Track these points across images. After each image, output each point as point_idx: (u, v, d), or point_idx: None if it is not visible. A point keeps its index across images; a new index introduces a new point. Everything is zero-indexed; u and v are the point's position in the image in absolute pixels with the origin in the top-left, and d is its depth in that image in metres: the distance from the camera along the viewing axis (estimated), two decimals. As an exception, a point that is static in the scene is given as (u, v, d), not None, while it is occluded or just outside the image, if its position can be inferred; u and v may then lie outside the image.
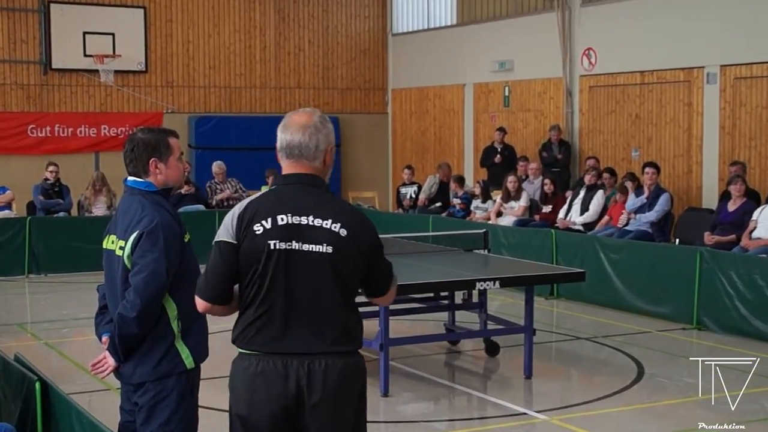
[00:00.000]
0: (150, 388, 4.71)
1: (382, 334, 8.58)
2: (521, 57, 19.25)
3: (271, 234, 4.01)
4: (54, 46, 19.77)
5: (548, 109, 18.81)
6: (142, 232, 4.62)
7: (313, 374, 4.00)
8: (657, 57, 16.47)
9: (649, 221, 13.79)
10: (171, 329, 4.69)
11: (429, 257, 10.63)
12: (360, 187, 22.30)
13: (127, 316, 4.59)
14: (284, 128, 4.10)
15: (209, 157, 19.94)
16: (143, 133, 4.83)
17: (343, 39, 22.59)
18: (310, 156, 4.08)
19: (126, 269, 4.66)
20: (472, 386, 9.36)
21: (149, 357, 4.69)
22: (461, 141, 20.98)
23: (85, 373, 9.07)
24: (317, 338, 4.04)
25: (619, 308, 12.58)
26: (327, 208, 4.06)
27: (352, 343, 4.12)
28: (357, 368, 4.14)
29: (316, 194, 4.09)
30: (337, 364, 4.03)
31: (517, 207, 15.92)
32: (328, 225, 4.02)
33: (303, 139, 4.06)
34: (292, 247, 4.01)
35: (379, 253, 4.17)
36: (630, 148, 17.17)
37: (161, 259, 4.58)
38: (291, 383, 4.00)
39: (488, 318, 10.26)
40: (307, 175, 4.10)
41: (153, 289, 4.57)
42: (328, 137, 4.12)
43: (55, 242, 15.73)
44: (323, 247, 4.01)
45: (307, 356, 4.02)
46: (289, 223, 4.02)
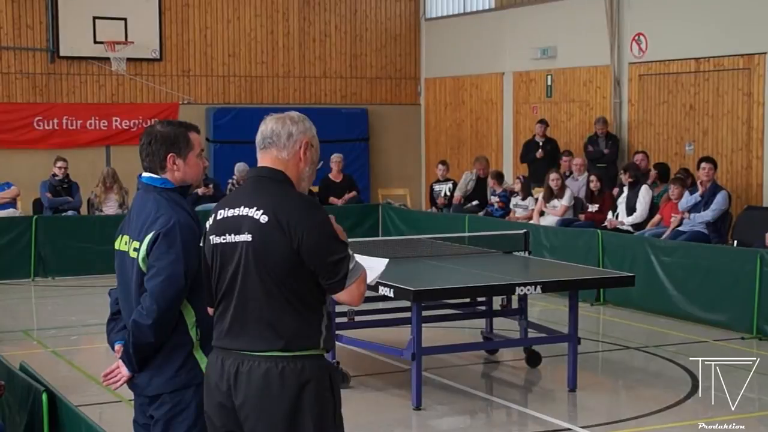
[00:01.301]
0: (167, 400, 4.71)
1: (414, 342, 8.59)
2: (565, 43, 19.19)
3: (212, 230, 4.28)
4: (62, 32, 19.88)
5: (594, 99, 18.74)
6: (158, 232, 4.63)
7: (239, 375, 4.14)
8: (714, 42, 16.36)
9: (705, 221, 13.71)
10: (189, 337, 4.70)
11: (465, 260, 10.63)
12: (390, 184, 22.31)
13: (143, 324, 4.60)
14: (262, 123, 4.29)
15: (228, 151, 20.03)
16: (162, 126, 4.84)
17: (372, 24, 22.61)
18: (280, 144, 4.20)
19: (141, 273, 4.67)
20: (511, 399, 9.35)
21: (166, 367, 4.70)
22: (500, 134, 20.94)
23: (95, 384, 9.14)
24: (246, 336, 4.16)
25: (671, 315, 12.53)
26: (262, 198, 4.15)
27: (277, 345, 4.09)
28: (288, 374, 4.09)
29: (265, 185, 4.20)
30: (262, 367, 4.10)
31: (559, 206, 15.88)
32: (252, 213, 4.12)
33: (275, 127, 4.24)
34: (225, 240, 4.20)
35: (318, 239, 4.08)
36: (684, 141, 17.08)
37: (179, 261, 4.59)
38: (223, 380, 4.19)
39: (529, 325, 10.25)
40: (269, 168, 4.23)
41: (170, 294, 4.59)
42: (306, 132, 4.25)
43: (63, 243, 15.84)
44: (245, 236, 4.13)
45: (240, 354, 4.16)
46: (224, 216, 4.23)
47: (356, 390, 9.23)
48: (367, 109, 22.08)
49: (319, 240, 4.08)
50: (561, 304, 11.79)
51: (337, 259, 4.10)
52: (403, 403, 8.87)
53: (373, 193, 21.74)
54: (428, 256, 10.73)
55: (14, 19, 19.73)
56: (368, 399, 9.09)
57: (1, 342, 11.29)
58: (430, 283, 9.02)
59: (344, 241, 4.16)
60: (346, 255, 4.13)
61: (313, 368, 4.13)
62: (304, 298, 4.12)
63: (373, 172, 22.16)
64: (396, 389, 9.37)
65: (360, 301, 4.24)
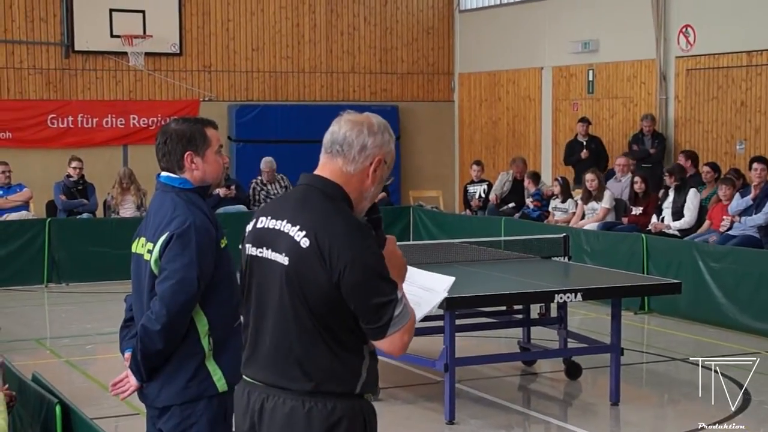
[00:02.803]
0: (176, 412, 4.72)
1: (447, 352, 8.59)
2: (608, 36, 19.14)
3: (249, 237, 4.02)
4: (77, 25, 20.00)
5: (639, 95, 18.68)
6: (172, 233, 4.64)
7: (264, 412, 3.90)
8: (767, 34, 16.28)
9: (757, 225, 13.63)
10: (201, 346, 4.70)
11: (501, 265, 10.63)
12: (422, 185, 22.32)
13: (151, 329, 4.60)
14: (336, 121, 3.94)
15: (251, 150, 20.09)
16: (177, 124, 4.88)
17: (403, 16, 22.63)
18: (350, 156, 3.86)
19: (153, 276, 4.68)
20: (550, 413, 9.34)
21: (176, 377, 4.70)
22: (538, 133, 20.92)
23: (111, 396, 9.18)
24: (273, 368, 3.90)
25: (720, 325, 12.48)
26: (307, 215, 3.84)
27: (306, 385, 3.82)
28: (315, 414, 3.82)
29: (314, 200, 3.87)
30: (287, 405, 3.84)
31: (599, 209, 15.78)
32: (293, 232, 3.81)
33: (350, 134, 3.87)
34: (263, 254, 3.93)
35: (362, 276, 3.73)
36: (734, 140, 17.00)
37: (192, 265, 4.60)
38: (248, 415, 3.97)
39: (569, 335, 10.23)
40: (325, 180, 3.89)
41: (182, 299, 4.59)
42: (383, 146, 3.90)
43: (78, 247, 15.94)
44: (281, 257, 3.84)
45: (265, 388, 3.92)
46: (265, 226, 3.94)
47: (385, 403, 9.23)
48: (398, 107, 22.08)
49: (362, 277, 3.73)
50: (603, 313, 11.76)
51: (382, 302, 3.75)
52: (435, 417, 8.88)
53: (404, 195, 21.74)
54: (462, 262, 10.73)
55: (27, 11, 19.85)
56: (398, 413, 9.09)
57: (13, 351, 11.35)
58: (464, 291, 9.00)
59: (393, 281, 3.80)
60: (393, 299, 3.76)
61: (345, 409, 3.86)
62: (341, 337, 3.84)
63: (403, 173, 22.16)
64: (428, 402, 9.38)
65: (402, 353, 3.91)
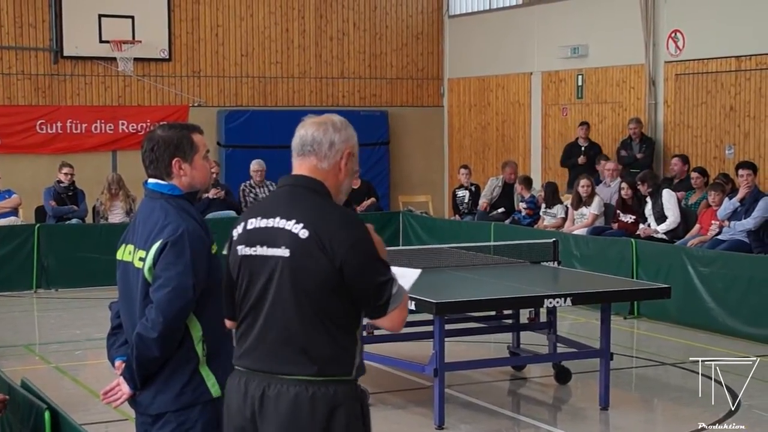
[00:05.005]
0: (171, 419, 4.73)
1: (437, 357, 8.60)
2: (597, 41, 19.18)
3: (240, 239, 4.25)
4: (66, 30, 19.98)
5: (628, 100, 18.72)
6: (166, 241, 4.65)
7: (266, 400, 4.11)
8: (756, 39, 16.32)
9: (746, 229, 13.65)
10: (195, 353, 4.71)
11: (490, 270, 10.63)
12: (411, 190, 22.33)
13: (148, 337, 4.61)
14: (301, 126, 4.25)
15: (240, 156, 20.06)
16: (163, 130, 4.88)
17: (392, 22, 22.66)
18: (321, 154, 4.17)
19: (146, 284, 4.69)
20: (539, 418, 9.35)
21: (170, 384, 4.71)
22: (527, 138, 20.94)
23: (100, 401, 9.17)
24: (274, 357, 4.13)
25: (710, 329, 12.50)
26: (300, 209, 4.12)
27: (310, 371, 4.06)
28: (318, 399, 4.06)
29: (304, 196, 4.16)
30: (291, 392, 4.07)
31: (588, 215, 15.79)
32: (290, 226, 4.09)
33: (317, 134, 4.19)
34: (257, 252, 4.17)
35: (363, 260, 4.06)
36: (723, 145, 17.03)
37: (187, 272, 4.62)
38: (247, 405, 4.16)
39: (558, 340, 10.24)
40: (307, 177, 4.19)
41: (178, 306, 4.61)
42: (348, 140, 4.22)
43: (67, 253, 15.90)
44: (281, 250, 4.10)
45: (267, 376, 4.13)
46: (256, 227, 4.20)
47: (375, 408, 9.22)
48: (387, 112, 22.11)
49: (363, 261, 4.05)
50: (592, 318, 11.77)
51: (382, 281, 4.08)
52: (425, 421, 8.88)
53: (393, 200, 21.76)
54: (451, 267, 10.74)
55: (15, 17, 19.84)
56: (388, 417, 9.09)
57: (2, 357, 11.34)
58: (454, 295, 9.02)
59: (386, 262, 4.12)
60: (390, 278, 4.10)
61: (344, 394, 4.10)
62: (340, 321, 4.09)
63: (393, 178, 22.19)
64: (417, 407, 9.38)
65: (401, 328, 4.25)
